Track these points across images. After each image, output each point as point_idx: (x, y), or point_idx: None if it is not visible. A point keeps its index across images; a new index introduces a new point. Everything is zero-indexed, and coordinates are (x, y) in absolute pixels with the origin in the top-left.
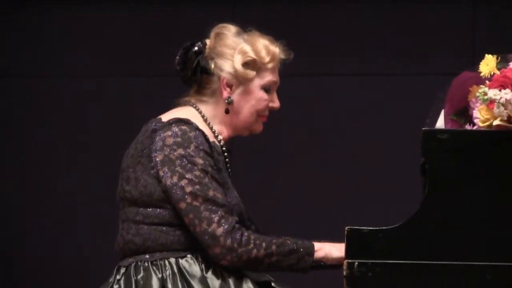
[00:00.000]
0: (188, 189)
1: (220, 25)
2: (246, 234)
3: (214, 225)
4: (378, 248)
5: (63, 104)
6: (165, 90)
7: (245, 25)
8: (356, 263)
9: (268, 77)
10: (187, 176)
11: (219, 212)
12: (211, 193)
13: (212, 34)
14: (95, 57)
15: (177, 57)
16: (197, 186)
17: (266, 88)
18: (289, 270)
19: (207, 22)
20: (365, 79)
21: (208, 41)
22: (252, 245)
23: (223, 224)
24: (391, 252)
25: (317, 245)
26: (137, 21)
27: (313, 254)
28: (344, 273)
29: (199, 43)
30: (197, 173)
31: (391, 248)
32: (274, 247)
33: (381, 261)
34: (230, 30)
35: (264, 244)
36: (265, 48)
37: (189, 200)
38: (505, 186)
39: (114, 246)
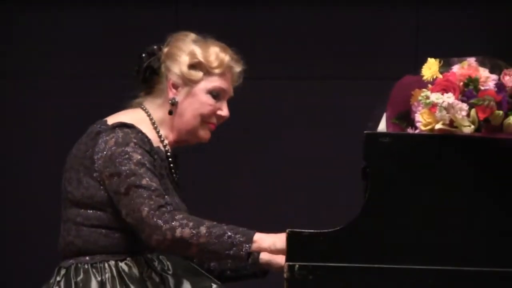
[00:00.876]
0: (125, 182)
1: (181, 32)
2: (173, 212)
3: (141, 207)
4: (319, 251)
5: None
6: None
7: (187, 28)
8: (297, 266)
9: (216, 83)
10: (122, 170)
11: (149, 195)
12: (144, 181)
13: (170, 39)
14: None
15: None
16: (132, 178)
17: (213, 94)
18: (226, 258)
19: (150, 24)
20: (307, 83)
21: (166, 46)
22: (177, 223)
23: (150, 205)
24: (332, 255)
25: (258, 235)
26: (83, 20)
27: (251, 242)
28: (285, 275)
29: (155, 46)
30: (132, 166)
31: (332, 251)
32: (203, 228)
33: (322, 264)
34: (188, 36)
35: (191, 224)
36: (214, 53)
37: (124, 192)
38: (447, 190)
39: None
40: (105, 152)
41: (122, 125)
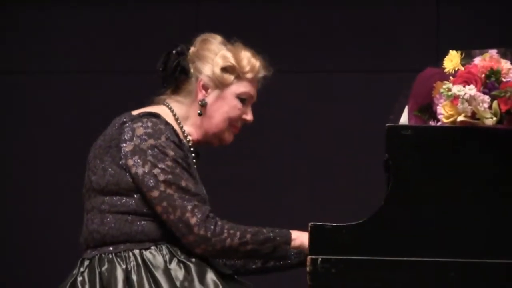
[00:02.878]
0: (161, 177)
1: (207, 33)
2: (220, 223)
3: (188, 214)
4: (341, 245)
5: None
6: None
7: (208, 23)
8: (320, 259)
9: (245, 88)
10: (159, 166)
11: (192, 201)
12: (183, 183)
13: (197, 40)
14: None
15: (160, 59)
16: (170, 176)
17: (242, 98)
18: (268, 258)
19: (171, 20)
20: (327, 76)
21: (192, 47)
22: (226, 234)
23: (197, 213)
24: (354, 249)
25: (294, 233)
26: (103, 18)
27: (290, 242)
28: (308, 269)
29: (183, 45)
30: (169, 163)
31: (355, 245)
32: (248, 235)
33: (345, 257)
34: (215, 38)
35: (238, 233)
36: (246, 58)
37: (162, 188)
38: (468, 183)
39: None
40: (133, 141)
41: (148, 114)
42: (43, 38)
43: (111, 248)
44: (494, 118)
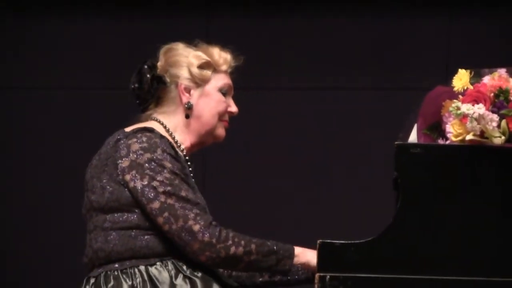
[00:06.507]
0: (161, 189)
1: (169, 44)
2: (225, 231)
3: (190, 222)
4: (350, 262)
5: (39, 116)
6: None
7: (218, 39)
8: (328, 276)
9: (224, 80)
10: (158, 178)
11: (193, 210)
12: (183, 193)
13: (161, 52)
14: (69, 69)
15: (132, 78)
16: (169, 187)
17: (223, 91)
18: (268, 272)
19: (181, 36)
20: (337, 94)
21: (159, 60)
22: (230, 241)
23: (199, 221)
24: (363, 266)
25: (297, 249)
26: (110, 33)
27: (293, 257)
28: (316, 286)
29: (150, 60)
30: (167, 175)
31: (363, 262)
32: (253, 246)
33: (353, 275)
34: (178, 45)
35: (243, 242)
36: (216, 52)
37: (163, 199)
38: (477, 201)
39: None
40: (130, 156)
41: (143, 129)
42: (45, 53)
43: (116, 265)
44: (503, 137)
